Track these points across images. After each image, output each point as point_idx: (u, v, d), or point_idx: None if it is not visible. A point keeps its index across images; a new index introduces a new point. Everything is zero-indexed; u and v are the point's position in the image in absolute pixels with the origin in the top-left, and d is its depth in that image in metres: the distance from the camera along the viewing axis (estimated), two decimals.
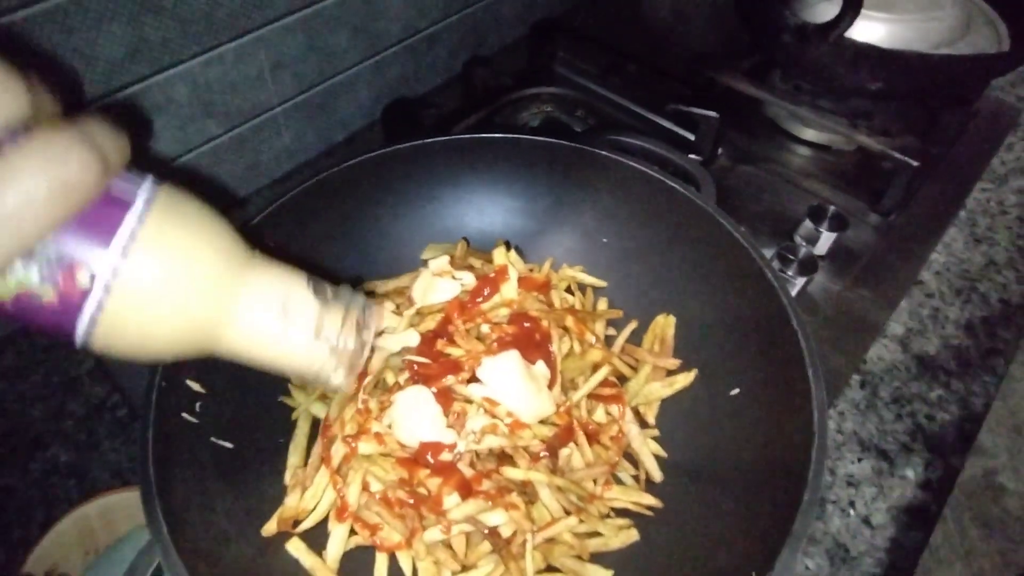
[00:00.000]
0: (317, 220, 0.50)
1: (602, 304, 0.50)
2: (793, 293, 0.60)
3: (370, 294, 0.51)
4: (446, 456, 0.36)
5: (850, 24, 0.58)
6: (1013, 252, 0.69)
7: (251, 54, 0.63)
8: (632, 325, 0.48)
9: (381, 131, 0.73)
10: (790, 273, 0.59)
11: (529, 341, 0.40)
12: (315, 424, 0.44)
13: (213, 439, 0.40)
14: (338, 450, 0.39)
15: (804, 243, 0.64)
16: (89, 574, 0.46)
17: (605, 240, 0.52)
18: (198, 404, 0.40)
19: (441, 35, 0.80)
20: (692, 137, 0.71)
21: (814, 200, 0.68)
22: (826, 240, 0.64)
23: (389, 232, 0.53)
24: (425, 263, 0.52)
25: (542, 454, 0.38)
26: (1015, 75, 0.87)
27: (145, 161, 0.61)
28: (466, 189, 0.54)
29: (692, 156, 0.72)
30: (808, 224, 0.64)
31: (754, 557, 0.33)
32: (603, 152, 0.50)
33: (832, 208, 0.64)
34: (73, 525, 0.48)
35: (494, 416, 0.37)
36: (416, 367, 0.38)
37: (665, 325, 0.48)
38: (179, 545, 0.32)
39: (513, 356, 0.39)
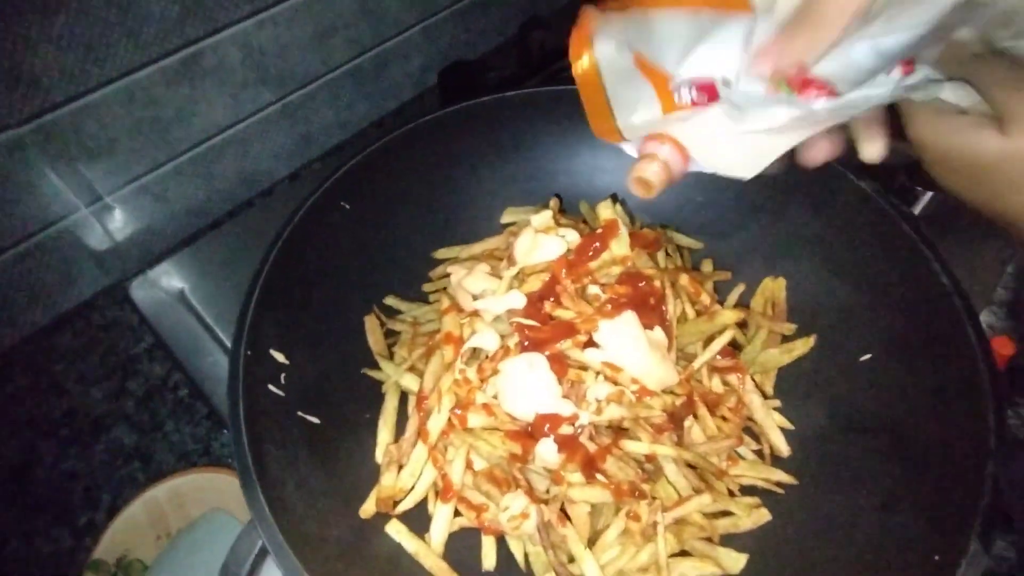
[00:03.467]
0: (388, 183, 0.47)
1: (706, 266, 0.45)
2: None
3: (445, 261, 0.47)
4: (566, 429, 0.33)
5: None
6: None
7: (303, 15, 0.60)
8: (739, 288, 0.44)
9: (438, 96, 0.69)
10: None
11: (643, 303, 0.36)
12: (403, 398, 0.41)
13: (300, 413, 0.36)
14: (436, 424, 0.35)
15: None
16: (162, 558, 0.44)
17: (700, 199, 0.48)
18: (283, 375, 0.37)
19: None
20: None
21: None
22: (924, 198, 0.59)
23: (464, 195, 0.49)
24: (504, 227, 0.48)
25: (665, 426, 0.34)
26: None
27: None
28: (545, 147, 0.50)
29: None
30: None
31: (930, 541, 0.29)
32: None
33: None
34: (143, 509, 0.45)
35: (617, 383, 0.34)
36: (527, 331, 0.35)
37: (775, 288, 0.43)
38: (283, 528, 0.29)
39: (631, 318, 0.35)
